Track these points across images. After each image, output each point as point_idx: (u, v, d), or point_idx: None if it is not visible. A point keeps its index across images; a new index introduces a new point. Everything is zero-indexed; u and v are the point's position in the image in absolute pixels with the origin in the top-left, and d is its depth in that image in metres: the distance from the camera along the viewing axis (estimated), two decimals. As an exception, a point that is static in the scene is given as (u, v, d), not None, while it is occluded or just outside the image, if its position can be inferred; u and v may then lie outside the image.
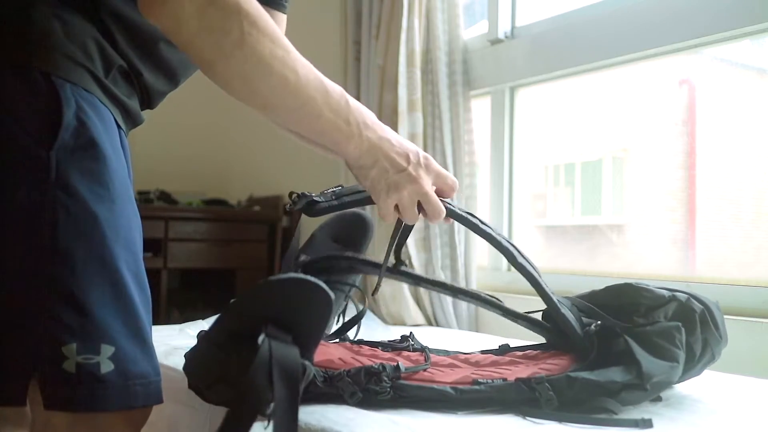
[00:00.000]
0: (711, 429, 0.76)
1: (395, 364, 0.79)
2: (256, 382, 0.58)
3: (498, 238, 0.90)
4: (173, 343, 1.20)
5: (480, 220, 0.91)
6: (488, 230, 0.90)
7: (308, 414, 0.74)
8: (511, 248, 0.91)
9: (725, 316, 0.92)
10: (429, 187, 0.84)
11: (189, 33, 0.72)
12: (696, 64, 1.61)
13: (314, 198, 0.83)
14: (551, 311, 0.88)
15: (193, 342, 0.81)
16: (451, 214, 0.87)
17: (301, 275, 0.61)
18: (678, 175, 1.64)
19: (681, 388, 0.93)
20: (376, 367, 0.78)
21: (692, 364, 0.86)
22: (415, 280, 0.98)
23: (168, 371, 0.88)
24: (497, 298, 0.96)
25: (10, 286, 0.68)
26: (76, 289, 0.68)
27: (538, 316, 0.98)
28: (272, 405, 0.59)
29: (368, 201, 0.85)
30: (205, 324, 1.45)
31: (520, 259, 0.90)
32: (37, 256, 0.68)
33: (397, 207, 0.83)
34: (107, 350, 0.69)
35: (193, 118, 2.96)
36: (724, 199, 1.55)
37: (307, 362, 0.64)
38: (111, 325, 0.69)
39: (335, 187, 0.87)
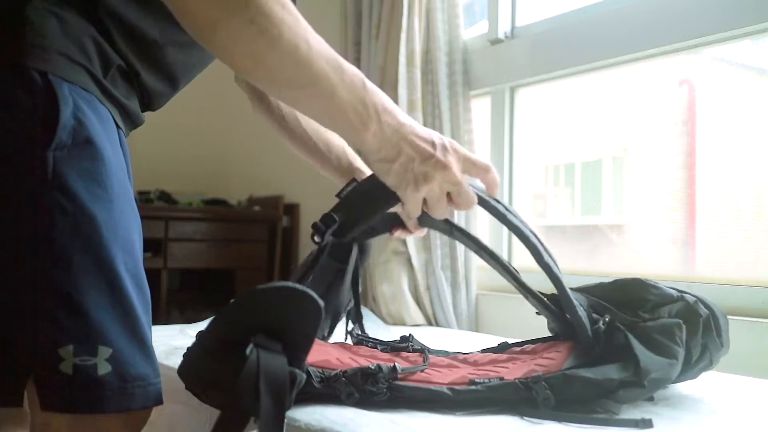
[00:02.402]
0: (711, 429, 0.76)
1: (392, 365, 0.79)
2: (244, 392, 0.58)
3: (526, 232, 0.85)
4: (173, 343, 1.20)
5: (508, 210, 0.85)
6: (517, 223, 0.85)
7: (308, 414, 0.74)
8: (539, 246, 0.86)
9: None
10: (460, 174, 0.77)
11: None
12: (696, 64, 1.61)
13: (336, 218, 0.77)
14: (569, 315, 0.87)
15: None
16: (481, 202, 0.81)
17: (290, 284, 0.61)
18: (678, 175, 1.64)
19: (681, 388, 0.93)
20: (373, 368, 0.78)
21: (688, 366, 0.86)
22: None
23: (168, 371, 0.88)
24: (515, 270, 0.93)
25: (6, 287, 0.68)
26: (73, 291, 0.68)
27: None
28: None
29: (389, 202, 0.78)
30: (206, 324, 1.45)
31: (547, 259, 0.87)
32: (34, 257, 0.67)
33: (424, 201, 0.77)
34: (104, 352, 0.68)
35: (193, 118, 2.95)
36: (724, 199, 1.55)
37: (296, 370, 0.63)
38: (108, 327, 0.69)
39: (343, 189, 0.81)
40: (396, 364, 0.80)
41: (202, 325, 1.45)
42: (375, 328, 1.62)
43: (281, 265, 2.69)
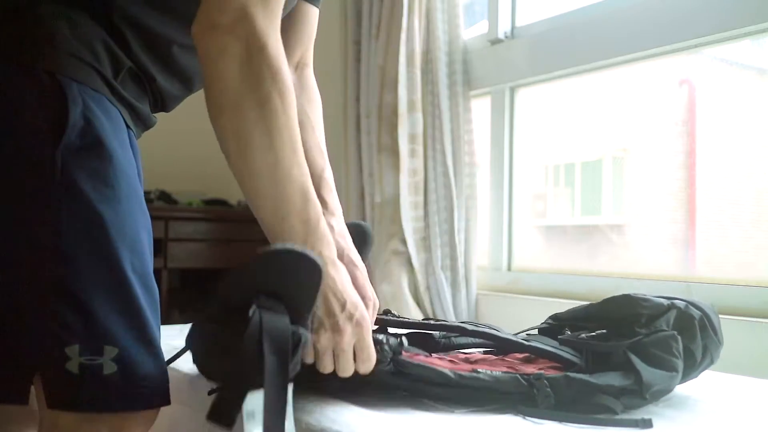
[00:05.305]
0: (710, 429, 0.76)
1: (399, 339, 0.79)
2: (248, 353, 0.59)
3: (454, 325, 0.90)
4: (173, 343, 1.19)
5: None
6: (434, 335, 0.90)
7: (308, 414, 0.74)
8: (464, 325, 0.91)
9: (726, 317, 0.92)
10: (349, 343, 0.74)
11: (224, 64, 0.70)
12: (696, 64, 1.61)
13: None
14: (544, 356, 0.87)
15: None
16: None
17: (289, 246, 0.63)
18: (678, 175, 1.64)
19: (681, 388, 0.93)
20: (380, 337, 0.78)
21: (693, 369, 0.86)
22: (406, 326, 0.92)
23: (168, 371, 0.88)
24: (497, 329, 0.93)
25: (14, 286, 0.68)
26: (80, 291, 0.68)
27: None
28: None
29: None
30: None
31: (483, 328, 0.90)
32: (41, 256, 0.68)
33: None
34: (111, 351, 0.68)
35: (194, 118, 2.95)
36: (724, 199, 1.55)
37: (301, 329, 0.65)
38: (115, 327, 0.69)
39: None
40: (403, 338, 0.80)
41: (202, 325, 1.45)
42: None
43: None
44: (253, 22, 0.69)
